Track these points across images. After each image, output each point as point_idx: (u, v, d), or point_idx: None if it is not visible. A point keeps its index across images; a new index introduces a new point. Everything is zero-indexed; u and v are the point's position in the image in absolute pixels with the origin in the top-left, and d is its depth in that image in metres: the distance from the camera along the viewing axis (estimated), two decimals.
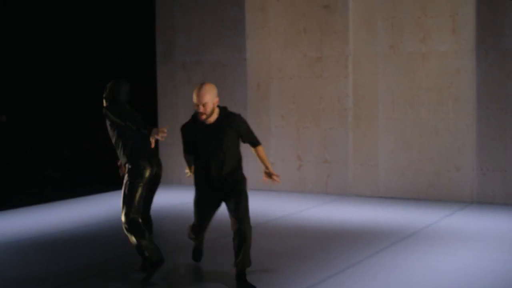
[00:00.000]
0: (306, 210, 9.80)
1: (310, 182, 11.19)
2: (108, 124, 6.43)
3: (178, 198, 11.00)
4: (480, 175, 9.89)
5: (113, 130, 6.39)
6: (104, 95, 6.57)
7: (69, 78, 15.95)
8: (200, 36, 12.16)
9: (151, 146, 6.20)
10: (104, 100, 6.54)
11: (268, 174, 6.12)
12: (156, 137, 5.83)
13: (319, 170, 11.08)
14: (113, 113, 6.31)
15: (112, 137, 6.43)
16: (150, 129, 5.96)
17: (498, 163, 9.77)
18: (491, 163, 9.81)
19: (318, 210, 9.67)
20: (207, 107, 5.67)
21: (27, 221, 9.36)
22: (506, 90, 9.69)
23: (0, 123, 15.85)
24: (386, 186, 10.60)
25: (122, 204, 6.28)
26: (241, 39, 11.69)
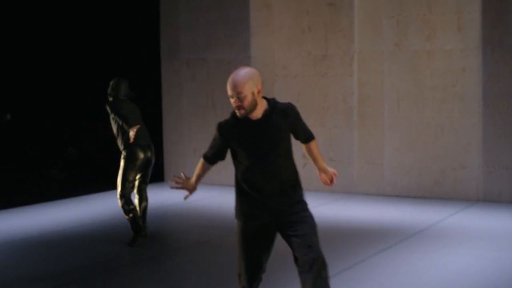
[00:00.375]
0: (311, 208, 9.72)
1: (315, 180, 11.10)
2: (111, 117, 7.63)
3: (181, 196, 10.93)
4: (486, 173, 9.84)
5: (114, 122, 7.63)
6: (107, 92, 7.78)
7: (73, 76, 15.93)
8: (204, 33, 12.13)
9: (146, 136, 7.67)
10: (107, 96, 7.77)
11: (325, 175, 4.64)
12: (130, 133, 7.35)
13: None
14: (111, 108, 7.55)
15: (113, 127, 7.66)
16: (129, 127, 7.40)
17: (504, 161, 9.72)
18: (497, 161, 9.76)
19: (323, 209, 9.63)
20: (245, 100, 4.11)
21: (27, 220, 9.34)
22: None
23: (4, 122, 15.85)
24: (391, 185, 10.56)
25: (118, 183, 7.58)
26: (245, 37, 11.66)
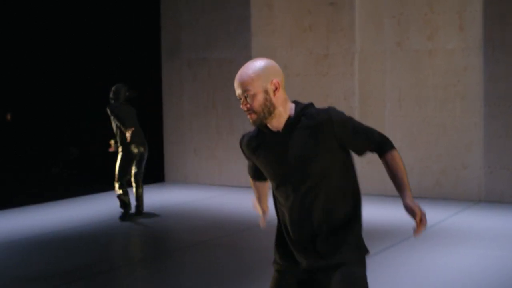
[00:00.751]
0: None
1: None
2: (111, 118, 8.86)
3: (183, 196, 10.95)
4: (487, 173, 9.81)
5: (113, 123, 8.87)
6: (109, 96, 9.05)
7: (73, 76, 15.91)
8: (205, 33, 12.10)
9: (141, 134, 8.97)
10: (109, 99, 9.04)
11: (417, 215, 2.94)
12: (127, 134, 8.56)
13: None
14: (111, 111, 8.82)
15: (113, 126, 8.92)
16: (126, 128, 8.62)
17: (506, 161, 9.68)
18: (499, 161, 9.73)
19: None
20: (255, 100, 2.98)
21: (26, 220, 9.31)
22: None
23: (5, 122, 15.82)
24: (392, 185, 10.49)
25: (116, 173, 8.88)
26: (246, 37, 11.63)
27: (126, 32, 14.98)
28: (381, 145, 3.10)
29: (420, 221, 2.89)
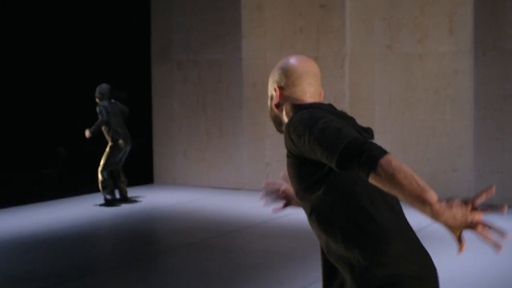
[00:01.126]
0: (302, 210, 9.69)
1: None
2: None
3: (172, 198, 10.90)
4: (477, 177, 9.80)
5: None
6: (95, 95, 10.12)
7: (64, 77, 15.83)
8: (196, 35, 12.06)
9: (126, 131, 10.14)
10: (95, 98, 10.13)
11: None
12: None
13: None
14: (99, 111, 9.85)
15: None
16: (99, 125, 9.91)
17: (496, 165, 9.68)
18: (489, 165, 9.72)
19: None
20: (269, 103, 2.73)
21: (21, 220, 9.25)
22: (503, 91, 9.60)
23: None
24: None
25: (101, 163, 9.91)
26: (237, 38, 11.59)
27: (116, 33, 14.92)
28: (339, 158, 2.22)
29: (484, 230, 2.05)
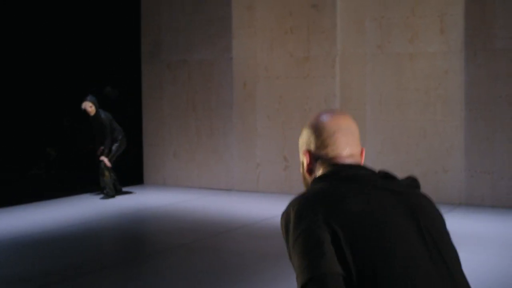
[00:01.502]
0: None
1: (296, 183, 11.03)
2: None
3: (162, 199, 10.83)
4: (468, 177, 9.78)
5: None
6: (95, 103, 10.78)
7: (53, 78, 15.74)
8: (185, 35, 11.99)
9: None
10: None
11: None
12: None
13: None
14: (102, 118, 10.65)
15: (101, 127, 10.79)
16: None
17: (487, 165, 9.67)
18: (480, 165, 9.71)
19: None
20: (301, 171, 2.34)
21: (11, 221, 9.15)
22: (494, 91, 9.59)
23: None
24: None
25: (108, 162, 10.62)
26: (227, 38, 11.53)
27: (106, 34, 14.85)
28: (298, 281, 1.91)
29: None
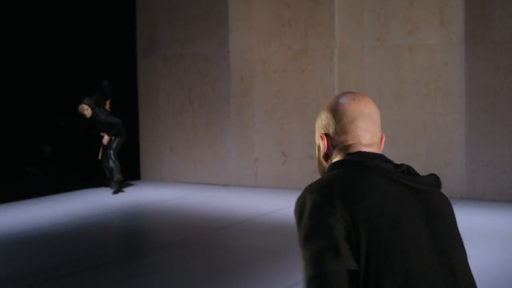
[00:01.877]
0: (291, 207, 9.52)
1: (295, 178, 10.91)
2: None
3: (159, 195, 10.71)
4: (469, 171, 9.66)
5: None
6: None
7: (48, 74, 15.62)
8: (181, 28, 11.86)
9: None
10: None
11: None
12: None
13: (304, 166, 10.80)
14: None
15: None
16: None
17: (488, 158, 9.55)
18: (480, 158, 9.59)
19: None
20: (317, 155, 2.20)
21: (3, 218, 9.02)
22: (495, 83, 9.46)
23: None
24: None
25: (115, 151, 10.84)
26: (224, 32, 11.39)
27: (101, 28, 14.72)
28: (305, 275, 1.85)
29: None
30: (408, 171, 2.05)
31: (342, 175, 1.96)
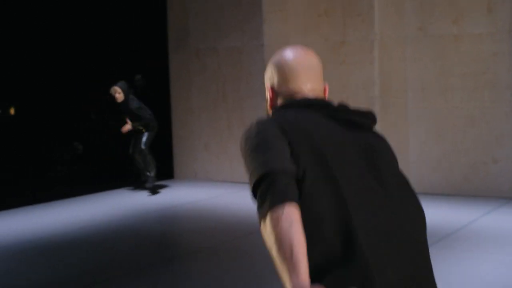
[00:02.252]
0: None
1: None
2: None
3: (192, 194, 10.39)
4: None
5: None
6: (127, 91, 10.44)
7: (79, 70, 15.49)
8: (214, 21, 11.47)
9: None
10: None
11: None
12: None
13: None
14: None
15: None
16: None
17: None
18: None
19: None
20: (266, 106, 2.39)
21: (21, 223, 8.75)
22: None
23: (7, 118, 15.40)
24: (417, 181, 9.81)
25: (146, 147, 10.44)
26: (258, 24, 10.97)
27: (131, 23, 14.50)
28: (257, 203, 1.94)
29: None
30: (345, 109, 2.19)
31: (283, 113, 2.14)
